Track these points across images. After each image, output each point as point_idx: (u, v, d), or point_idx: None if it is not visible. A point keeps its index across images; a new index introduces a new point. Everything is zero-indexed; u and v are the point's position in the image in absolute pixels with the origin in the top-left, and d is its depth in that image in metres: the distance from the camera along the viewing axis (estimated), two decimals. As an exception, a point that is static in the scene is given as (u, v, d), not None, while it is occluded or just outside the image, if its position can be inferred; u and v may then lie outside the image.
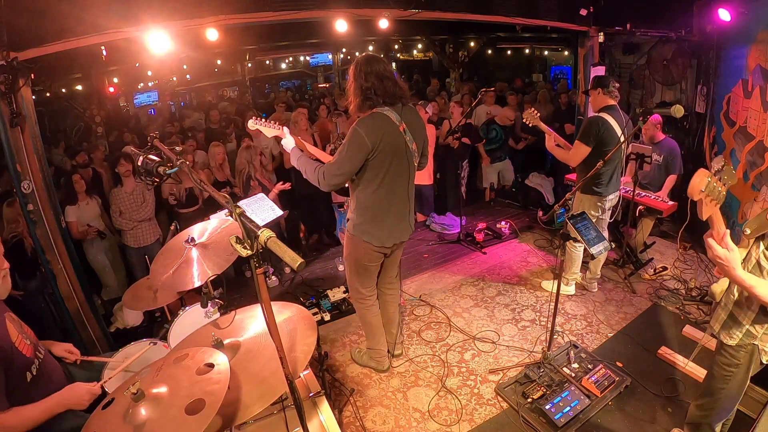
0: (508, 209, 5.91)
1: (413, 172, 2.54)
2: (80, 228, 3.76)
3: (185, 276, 2.01)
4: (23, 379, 1.64)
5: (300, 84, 14.39)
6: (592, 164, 3.24)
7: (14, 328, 1.69)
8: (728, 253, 1.50)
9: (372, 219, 2.49)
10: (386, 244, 2.54)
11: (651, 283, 3.90)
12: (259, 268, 1.19)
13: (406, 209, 2.58)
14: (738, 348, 1.79)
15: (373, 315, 2.85)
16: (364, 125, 2.28)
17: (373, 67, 2.30)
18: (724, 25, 3.86)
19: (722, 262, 1.52)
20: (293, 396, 1.42)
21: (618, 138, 3.26)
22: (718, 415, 1.96)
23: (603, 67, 5.06)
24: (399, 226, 2.57)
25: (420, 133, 2.52)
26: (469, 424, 2.59)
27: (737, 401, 1.91)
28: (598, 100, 3.38)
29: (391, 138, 2.33)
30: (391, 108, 2.35)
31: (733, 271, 1.52)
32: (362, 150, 2.28)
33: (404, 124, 2.38)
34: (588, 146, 3.27)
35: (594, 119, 3.29)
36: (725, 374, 1.85)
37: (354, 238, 2.57)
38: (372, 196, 2.43)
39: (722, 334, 1.83)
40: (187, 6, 3.16)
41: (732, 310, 1.80)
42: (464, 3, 4.23)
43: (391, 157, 2.35)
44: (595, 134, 3.24)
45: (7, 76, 2.65)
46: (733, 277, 1.55)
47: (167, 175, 1.51)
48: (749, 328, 1.75)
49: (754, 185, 3.48)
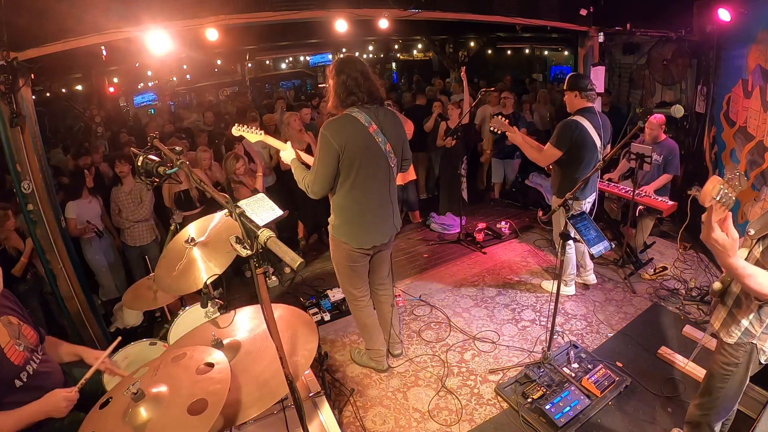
0: (508, 209, 5.91)
1: (392, 173, 2.52)
2: (79, 225, 3.76)
3: (189, 278, 2.01)
4: (10, 387, 1.60)
5: (300, 84, 14.38)
6: (564, 166, 3.28)
7: (7, 333, 1.65)
8: (726, 238, 1.42)
9: (349, 220, 2.51)
10: (365, 246, 2.55)
11: (651, 283, 3.90)
12: (259, 268, 1.19)
13: (386, 211, 2.57)
14: (737, 347, 1.80)
15: (367, 316, 2.85)
16: (329, 128, 2.31)
17: (352, 67, 2.34)
18: (724, 25, 3.86)
19: (718, 245, 1.43)
20: (293, 396, 1.42)
21: (593, 142, 3.20)
22: (717, 415, 1.96)
23: (603, 67, 5.06)
24: (378, 228, 2.56)
25: (397, 134, 2.50)
26: (469, 424, 2.59)
27: (736, 401, 1.91)
28: (575, 102, 3.26)
29: (359, 139, 2.34)
30: (362, 109, 2.36)
31: (728, 257, 1.46)
32: (331, 152, 2.30)
33: (375, 125, 2.38)
34: (560, 150, 3.20)
35: (568, 123, 3.19)
36: (724, 373, 1.85)
37: (334, 239, 2.60)
38: (346, 198, 2.45)
39: (722, 333, 1.84)
40: (187, 6, 3.17)
41: (732, 308, 1.80)
42: (464, 3, 4.23)
43: (360, 159, 2.35)
44: (568, 139, 3.16)
45: (7, 76, 2.65)
46: (727, 264, 1.49)
47: (167, 176, 1.51)
48: (748, 326, 1.75)
49: (754, 185, 3.48)
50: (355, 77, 2.33)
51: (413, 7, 3.86)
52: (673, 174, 4.01)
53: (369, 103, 2.39)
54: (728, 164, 4.01)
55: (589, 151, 3.23)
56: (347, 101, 2.36)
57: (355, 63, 2.38)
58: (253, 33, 8.01)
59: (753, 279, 1.51)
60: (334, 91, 2.37)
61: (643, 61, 5.35)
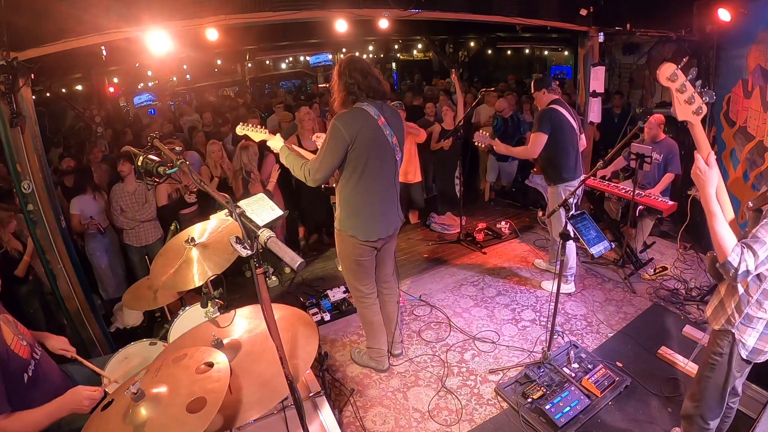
0: (508, 209, 5.91)
1: (397, 165, 2.59)
2: (82, 221, 3.75)
3: (185, 276, 2.01)
4: (20, 381, 1.64)
5: (300, 84, 14.38)
6: (548, 150, 3.53)
7: (9, 329, 1.68)
8: (708, 168, 1.61)
9: (356, 212, 2.54)
10: (371, 238, 2.57)
11: (651, 283, 3.90)
12: (259, 268, 1.19)
13: (391, 203, 2.62)
14: (721, 335, 1.84)
15: (374, 314, 2.85)
16: (341, 119, 2.36)
17: (357, 65, 2.41)
18: (724, 25, 3.86)
19: (700, 174, 1.63)
20: (293, 396, 1.42)
21: (570, 124, 3.52)
22: (708, 408, 1.96)
23: (603, 67, 5.06)
24: (384, 220, 2.60)
25: (400, 129, 2.59)
26: (469, 424, 2.59)
27: (725, 395, 1.91)
28: (544, 99, 3.58)
29: (369, 131, 2.39)
30: (371, 103, 2.42)
31: (706, 186, 1.63)
32: (341, 143, 2.34)
33: (383, 118, 2.44)
34: (545, 133, 3.46)
35: (545, 110, 3.52)
36: (711, 362, 1.89)
37: (341, 233, 2.61)
38: (354, 190, 2.48)
39: (711, 319, 1.89)
40: (187, 6, 3.16)
41: (723, 296, 1.84)
42: (464, 3, 4.23)
43: (369, 150, 2.40)
44: (548, 122, 3.45)
45: (7, 76, 2.65)
46: (704, 194, 1.64)
47: (167, 175, 1.51)
48: (730, 315, 1.79)
49: (754, 185, 3.48)
50: (362, 73, 2.39)
51: (413, 7, 3.85)
52: (675, 173, 4.02)
53: (375, 98, 2.45)
54: (727, 163, 4.01)
55: (567, 133, 3.51)
56: (354, 96, 2.41)
57: (360, 61, 2.47)
58: (253, 33, 7.99)
59: (717, 221, 1.61)
60: (341, 88, 2.43)
61: (643, 61, 5.35)
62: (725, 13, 3.74)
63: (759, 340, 1.77)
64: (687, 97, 1.58)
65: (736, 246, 1.58)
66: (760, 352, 1.79)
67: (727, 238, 1.59)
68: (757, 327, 1.76)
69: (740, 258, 1.57)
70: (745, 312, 1.75)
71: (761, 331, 1.76)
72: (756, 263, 1.57)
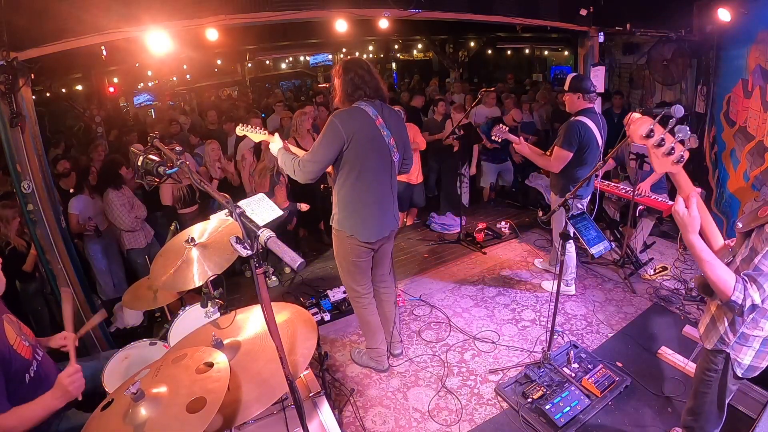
0: (508, 209, 5.91)
1: (394, 166, 2.58)
2: (81, 221, 3.75)
3: (185, 276, 2.01)
4: (23, 381, 1.64)
5: (300, 84, 14.39)
6: (569, 166, 3.30)
7: (12, 330, 1.69)
8: (686, 213, 1.49)
9: (354, 213, 2.53)
10: (370, 239, 2.57)
11: (651, 283, 3.90)
12: (259, 268, 1.19)
13: (388, 203, 2.61)
14: (715, 353, 1.78)
15: (370, 314, 2.85)
16: (339, 117, 2.37)
17: (357, 65, 2.44)
18: (724, 25, 3.87)
19: (678, 219, 1.52)
20: (293, 396, 1.42)
21: (597, 142, 3.25)
22: (707, 421, 1.92)
23: (603, 68, 5.06)
24: (382, 221, 2.60)
25: (399, 131, 2.57)
26: (469, 424, 2.59)
27: (722, 408, 1.86)
28: (576, 103, 3.30)
29: (367, 131, 2.40)
30: (369, 103, 2.43)
31: (686, 232, 1.51)
32: (336, 139, 2.34)
33: (381, 119, 2.45)
34: (570, 152, 3.23)
35: (575, 124, 3.23)
36: (706, 379, 1.83)
37: (339, 233, 2.61)
38: (351, 190, 2.48)
39: (703, 337, 1.83)
40: (187, 6, 3.16)
41: (714, 313, 1.78)
42: (464, 3, 4.23)
43: (366, 150, 2.41)
44: (577, 139, 3.20)
45: (7, 76, 2.65)
46: (688, 242, 1.53)
47: (167, 175, 1.51)
48: (723, 334, 1.72)
49: (754, 185, 3.49)
50: (361, 74, 2.41)
51: (413, 7, 3.86)
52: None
53: (374, 99, 2.46)
54: (727, 163, 4.02)
55: (593, 151, 3.27)
56: (354, 96, 2.42)
57: (360, 62, 2.49)
58: (253, 33, 8.01)
59: (710, 266, 1.49)
60: (341, 88, 2.44)
61: (643, 61, 5.35)
62: (725, 13, 3.74)
63: (755, 358, 1.71)
64: (666, 150, 1.44)
65: (737, 283, 1.48)
66: (755, 369, 1.73)
67: (724, 279, 1.48)
68: (753, 345, 1.69)
69: (744, 294, 1.47)
70: (740, 332, 1.68)
71: (758, 349, 1.70)
72: (762, 297, 1.47)
